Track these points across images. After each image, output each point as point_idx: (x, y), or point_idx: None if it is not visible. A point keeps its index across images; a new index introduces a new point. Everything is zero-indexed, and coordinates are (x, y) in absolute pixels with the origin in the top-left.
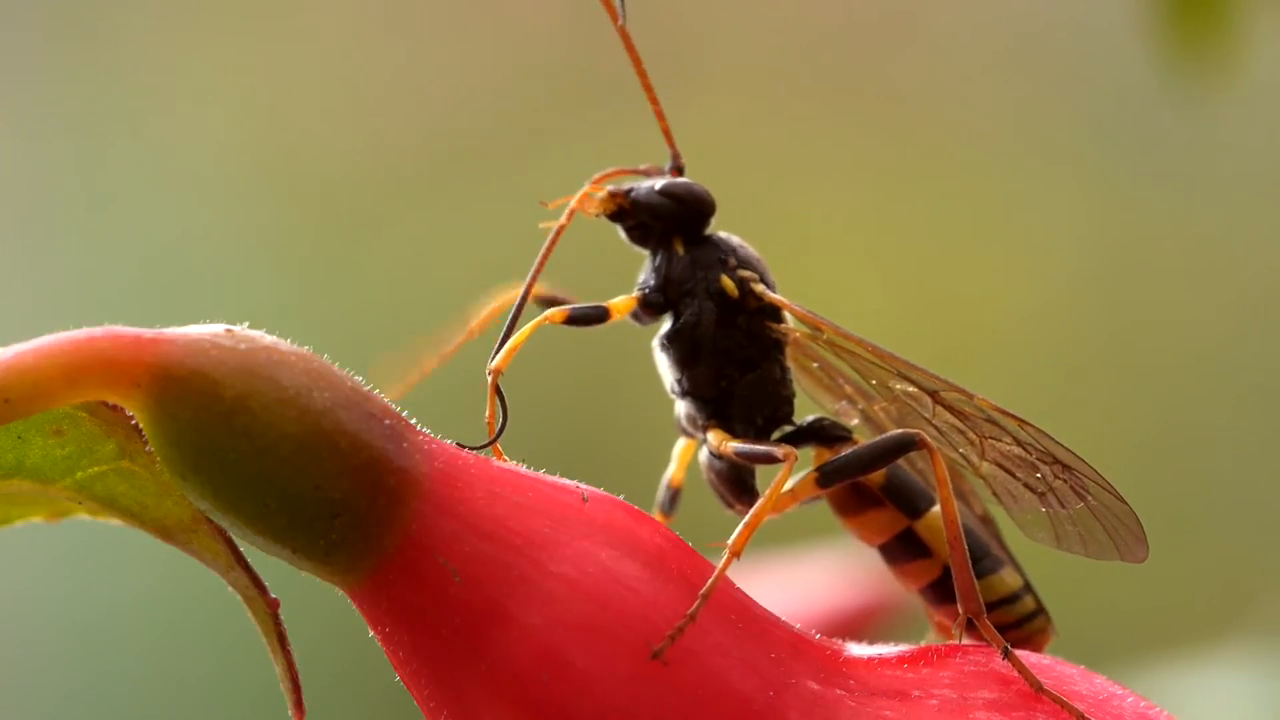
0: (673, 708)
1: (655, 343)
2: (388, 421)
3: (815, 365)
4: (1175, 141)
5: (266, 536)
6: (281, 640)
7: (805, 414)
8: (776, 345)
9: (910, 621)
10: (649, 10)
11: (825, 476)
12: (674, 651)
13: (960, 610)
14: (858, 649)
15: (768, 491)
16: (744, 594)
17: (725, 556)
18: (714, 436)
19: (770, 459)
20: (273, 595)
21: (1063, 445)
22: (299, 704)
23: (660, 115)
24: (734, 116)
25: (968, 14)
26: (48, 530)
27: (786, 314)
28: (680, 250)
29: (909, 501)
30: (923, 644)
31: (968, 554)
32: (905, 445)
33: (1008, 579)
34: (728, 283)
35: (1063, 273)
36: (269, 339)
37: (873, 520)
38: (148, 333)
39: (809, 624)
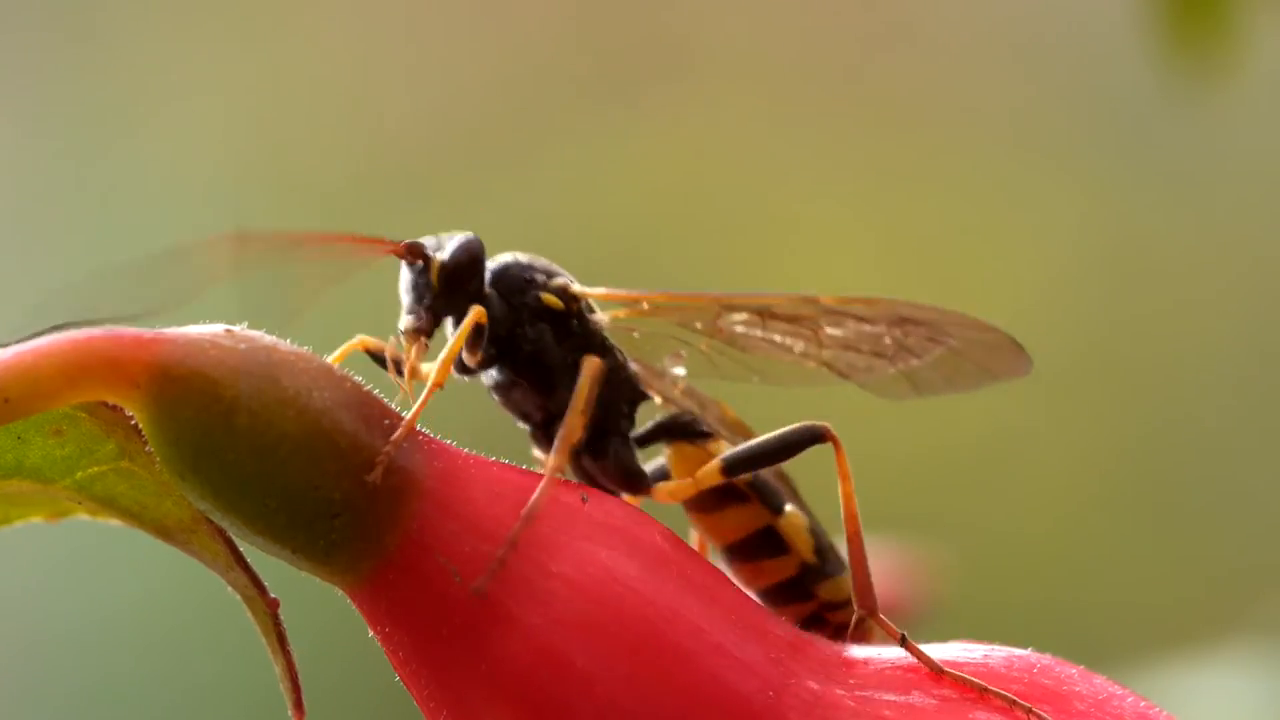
0: (673, 708)
1: (493, 391)
2: (387, 421)
3: (635, 334)
4: (1174, 141)
5: (266, 536)
6: (281, 640)
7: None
8: (602, 334)
9: (909, 622)
10: (650, 7)
11: (731, 466)
12: (674, 651)
13: (856, 607)
14: (858, 649)
15: (576, 398)
16: (744, 594)
17: (544, 480)
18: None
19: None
20: (272, 595)
21: (916, 304)
22: (299, 704)
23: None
24: (731, 115)
25: (966, 14)
26: (48, 531)
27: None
28: (490, 292)
29: (772, 497)
30: (922, 644)
31: (865, 551)
32: (812, 438)
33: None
34: (550, 299)
35: (1062, 272)
36: (269, 339)
37: (734, 516)
38: (147, 333)
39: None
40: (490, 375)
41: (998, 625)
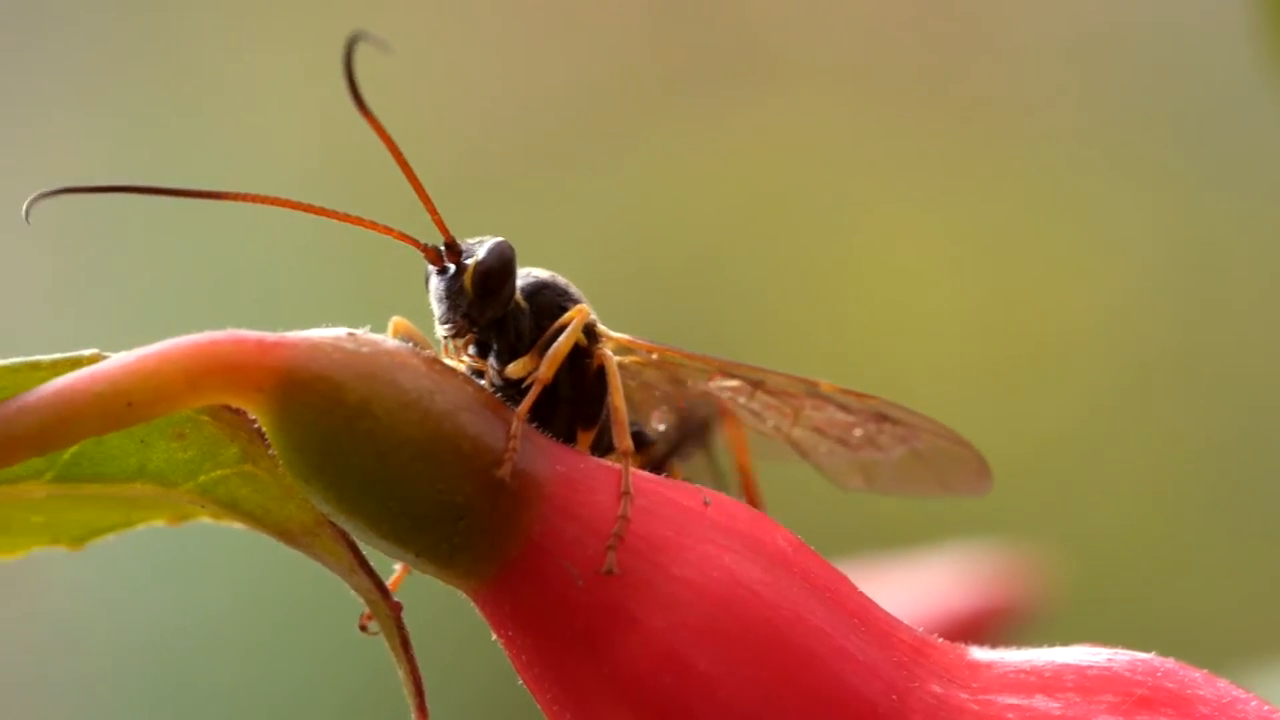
0: (797, 711)
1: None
2: (509, 424)
3: (631, 382)
4: (1255, 143)
5: (390, 540)
6: (404, 644)
7: None
8: (602, 371)
9: (1031, 624)
10: (726, 9)
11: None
12: (797, 654)
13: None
14: (980, 652)
15: (612, 387)
16: (867, 597)
17: (624, 460)
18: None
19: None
20: (395, 599)
21: (900, 407)
22: (422, 707)
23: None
24: (810, 117)
25: (1048, 15)
26: (142, 538)
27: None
28: (522, 303)
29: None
30: (1044, 647)
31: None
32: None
33: None
34: (580, 338)
35: (1139, 274)
36: (392, 342)
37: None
38: (270, 336)
39: (928, 627)
40: (496, 378)
41: (1081, 626)
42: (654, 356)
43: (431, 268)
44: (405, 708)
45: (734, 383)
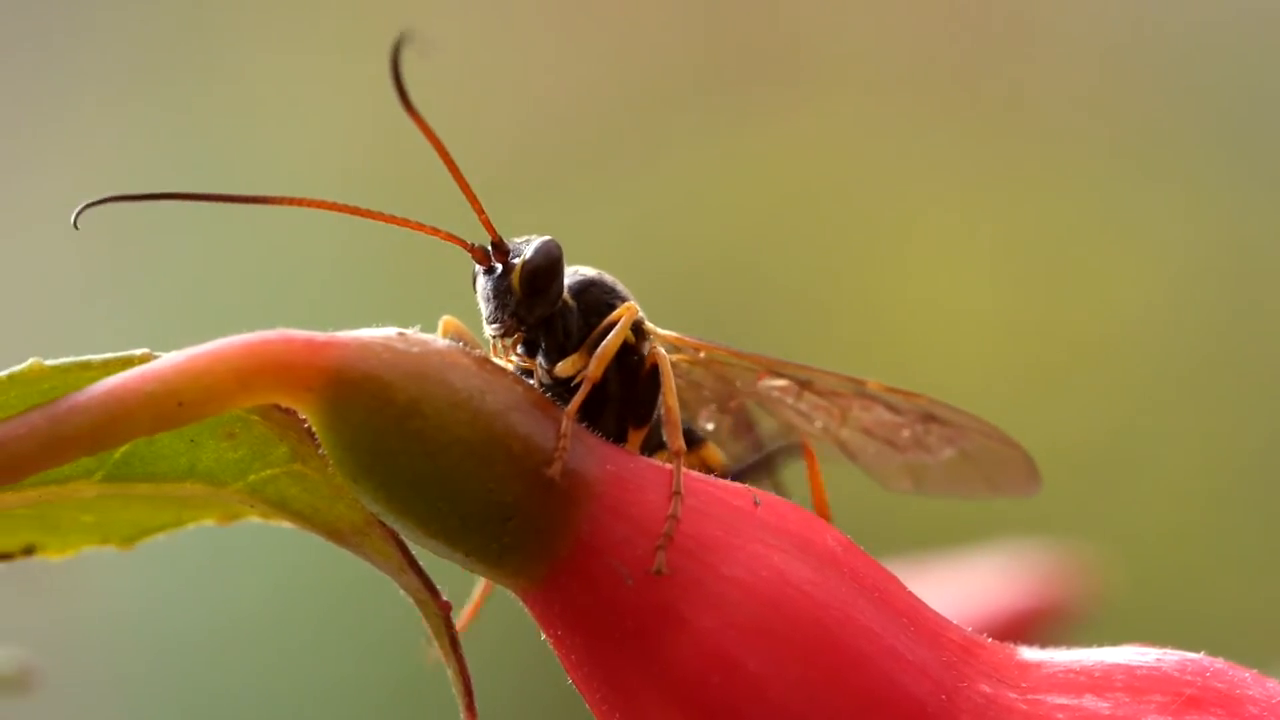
0: (846, 710)
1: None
2: (559, 424)
3: (679, 381)
4: None
5: (439, 539)
6: (453, 643)
7: None
8: (654, 370)
9: (1080, 624)
10: (766, 10)
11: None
12: (847, 654)
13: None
14: (1029, 652)
15: (665, 387)
16: (916, 597)
17: (675, 461)
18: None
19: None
20: (444, 599)
21: (948, 406)
22: (471, 706)
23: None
24: (845, 117)
25: (1083, 16)
26: (176, 540)
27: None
28: (570, 301)
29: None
30: (1093, 647)
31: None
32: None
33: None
34: (628, 336)
35: (1182, 275)
36: (441, 342)
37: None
38: (320, 336)
39: (977, 626)
40: (545, 376)
41: (1129, 626)
42: (701, 355)
43: (479, 267)
44: (441, 707)
45: (782, 382)
